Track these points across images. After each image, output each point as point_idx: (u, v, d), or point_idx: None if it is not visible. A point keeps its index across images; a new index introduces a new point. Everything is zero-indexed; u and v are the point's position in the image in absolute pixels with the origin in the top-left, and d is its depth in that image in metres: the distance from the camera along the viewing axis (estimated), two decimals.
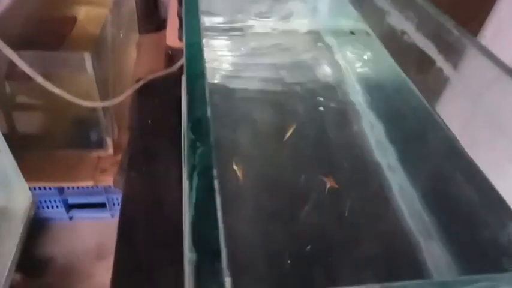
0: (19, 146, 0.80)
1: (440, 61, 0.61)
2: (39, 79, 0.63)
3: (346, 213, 0.55)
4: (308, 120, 0.67)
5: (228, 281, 0.18)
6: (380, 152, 0.61)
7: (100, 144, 1.00)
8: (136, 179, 0.61)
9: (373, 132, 0.64)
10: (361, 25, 0.82)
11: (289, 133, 0.64)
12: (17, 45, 0.73)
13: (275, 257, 0.50)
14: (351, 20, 0.85)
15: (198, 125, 0.26)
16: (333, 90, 0.72)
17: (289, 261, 0.49)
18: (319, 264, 0.50)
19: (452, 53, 0.60)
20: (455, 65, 0.60)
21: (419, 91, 0.65)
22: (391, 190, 0.58)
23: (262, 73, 0.75)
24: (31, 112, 0.97)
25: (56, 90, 0.64)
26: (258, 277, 0.48)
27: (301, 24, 0.85)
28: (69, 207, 1.12)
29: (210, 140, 0.25)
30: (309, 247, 0.51)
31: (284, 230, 0.53)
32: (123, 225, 0.56)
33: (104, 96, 0.92)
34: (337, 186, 0.57)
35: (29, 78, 0.73)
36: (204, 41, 0.42)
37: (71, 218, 1.14)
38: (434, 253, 0.51)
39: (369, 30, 0.77)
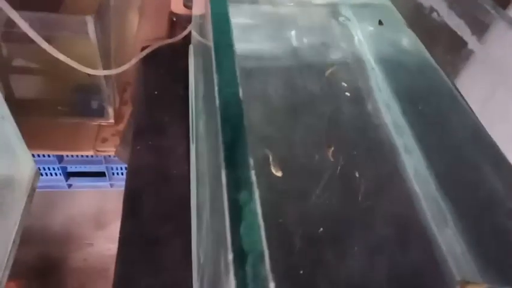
0: (17, 111, 0.77)
1: (465, 35, 0.58)
2: (44, 44, 0.60)
3: (360, 197, 0.53)
4: (320, 96, 0.64)
5: (272, 286, 0.16)
6: (396, 132, 0.59)
7: (101, 113, 0.97)
8: (142, 152, 0.59)
9: (389, 111, 0.61)
10: None
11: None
12: (13, 5, 0.69)
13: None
14: None
15: (231, 109, 0.23)
16: (348, 66, 0.69)
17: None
18: (329, 247, 0.49)
19: (479, 26, 0.57)
20: (481, 40, 0.57)
21: (442, 68, 0.62)
22: (406, 173, 0.56)
23: (273, 44, 0.72)
24: (29, 76, 0.94)
25: (61, 56, 0.60)
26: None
27: None
28: (68, 175, 1.10)
29: (244, 125, 0.23)
30: (321, 229, 0.50)
31: (294, 210, 0.52)
32: (129, 199, 0.54)
33: (106, 63, 0.88)
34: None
35: (28, 41, 0.69)
36: None
37: (69, 186, 1.12)
38: (449, 240, 0.50)
39: (389, 3, 0.73)
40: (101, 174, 1.10)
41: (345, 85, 0.66)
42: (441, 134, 0.58)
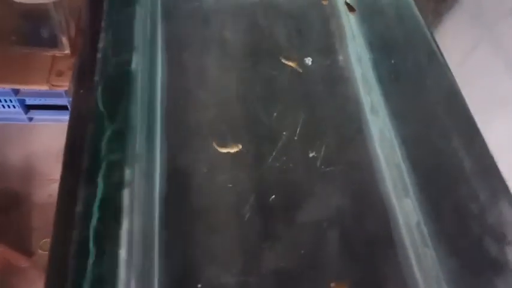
0: None
1: None
2: None
3: (318, 162, 0.50)
4: (284, 41, 0.58)
5: None
6: (364, 89, 0.54)
7: (54, 42, 0.89)
8: (84, 96, 0.53)
9: (360, 64, 0.55)
10: None
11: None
12: None
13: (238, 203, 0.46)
14: None
15: None
16: (323, 10, 0.61)
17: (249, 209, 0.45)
18: (281, 212, 0.46)
19: None
20: None
21: (423, 17, 0.55)
22: (370, 135, 0.52)
23: None
24: None
25: None
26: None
27: None
28: (28, 108, 1.04)
29: None
30: (273, 196, 0.47)
31: (249, 171, 0.48)
32: (68, 150, 0.49)
33: None
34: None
35: None
36: None
37: (30, 120, 1.06)
38: (407, 210, 0.48)
39: None
40: (64, 108, 1.04)
41: (317, 32, 0.59)
42: (412, 95, 0.53)
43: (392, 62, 0.54)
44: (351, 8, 0.55)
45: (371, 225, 0.47)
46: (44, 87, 0.89)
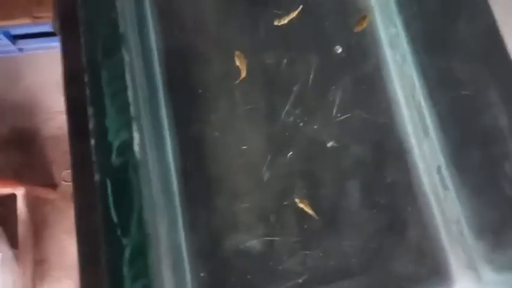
0: None
1: None
2: None
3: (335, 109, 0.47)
4: None
5: None
6: (383, 20, 0.48)
7: None
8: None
9: None
10: None
11: None
12: None
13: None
14: None
15: None
16: None
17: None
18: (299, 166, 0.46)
19: None
20: None
21: None
22: (389, 72, 0.48)
23: None
24: None
25: None
26: None
27: None
28: (14, 38, 0.96)
29: None
30: (290, 153, 0.46)
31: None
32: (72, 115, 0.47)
33: None
34: None
35: None
36: None
37: (21, 50, 1.00)
38: (428, 151, 0.46)
39: None
40: (52, 34, 0.96)
41: None
42: (439, 22, 0.47)
43: None
44: None
45: (391, 172, 0.46)
46: (25, 21, 0.82)
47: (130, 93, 0.42)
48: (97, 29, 0.44)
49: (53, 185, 0.96)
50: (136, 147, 0.41)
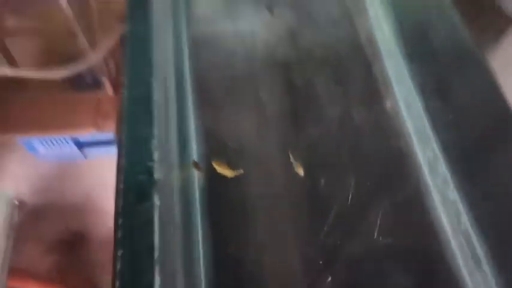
0: None
1: None
2: None
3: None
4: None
5: None
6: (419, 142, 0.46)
7: (97, 84, 0.89)
8: None
9: (411, 113, 0.47)
10: None
11: None
12: None
13: None
14: None
15: None
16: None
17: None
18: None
19: None
20: None
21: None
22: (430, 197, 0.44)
23: None
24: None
25: None
26: None
27: None
28: (81, 145, 1.06)
29: None
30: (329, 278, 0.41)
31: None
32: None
33: (88, 33, 0.78)
34: None
35: None
36: None
37: (85, 156, 1.08)
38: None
39: None
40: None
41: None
42: (476, 147, 0.44)
43: (449, 107, 0.45)
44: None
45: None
46: (90, 130, 0.90)
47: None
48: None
49: None
50: None
